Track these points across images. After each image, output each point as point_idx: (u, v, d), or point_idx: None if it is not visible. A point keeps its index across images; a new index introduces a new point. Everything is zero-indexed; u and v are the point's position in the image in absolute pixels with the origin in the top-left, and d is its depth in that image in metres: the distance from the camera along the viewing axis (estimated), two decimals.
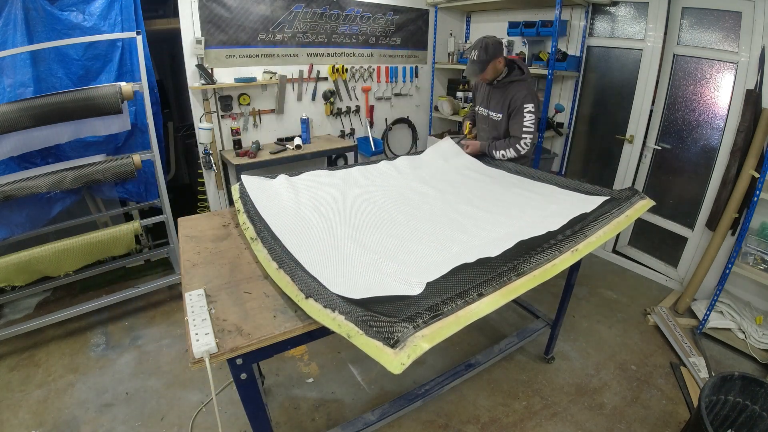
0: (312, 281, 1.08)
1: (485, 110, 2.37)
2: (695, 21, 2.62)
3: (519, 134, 2.18)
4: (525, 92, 2.16)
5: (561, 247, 1.27)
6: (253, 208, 1.58)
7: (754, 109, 2.31)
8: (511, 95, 2.19)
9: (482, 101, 2.38)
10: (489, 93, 2.32)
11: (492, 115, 2.32)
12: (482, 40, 2.09)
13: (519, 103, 2.16)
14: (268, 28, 3.10)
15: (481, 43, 2.09)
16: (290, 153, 3.13)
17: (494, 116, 2.30)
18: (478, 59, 2.09)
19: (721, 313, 2.42)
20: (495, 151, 2.25)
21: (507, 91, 2.21)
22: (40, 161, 2.43)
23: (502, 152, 2.23)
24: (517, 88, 2.18)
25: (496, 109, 2.29)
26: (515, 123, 2.20)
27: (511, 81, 2.20)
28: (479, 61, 2.10)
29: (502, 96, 2.23)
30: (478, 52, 2.09)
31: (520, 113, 2.17)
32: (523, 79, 2.19)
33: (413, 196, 1.81)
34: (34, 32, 2.25)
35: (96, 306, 2.41)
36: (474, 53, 2.10)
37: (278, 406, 1.96)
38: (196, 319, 1.00)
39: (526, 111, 2.15)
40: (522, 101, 2.15)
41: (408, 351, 0.82)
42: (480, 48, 2.08)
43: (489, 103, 2.33)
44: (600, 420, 1.89)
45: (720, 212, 2.50)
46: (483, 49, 2.08)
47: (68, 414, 1.90)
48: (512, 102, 2.19)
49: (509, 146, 2.21)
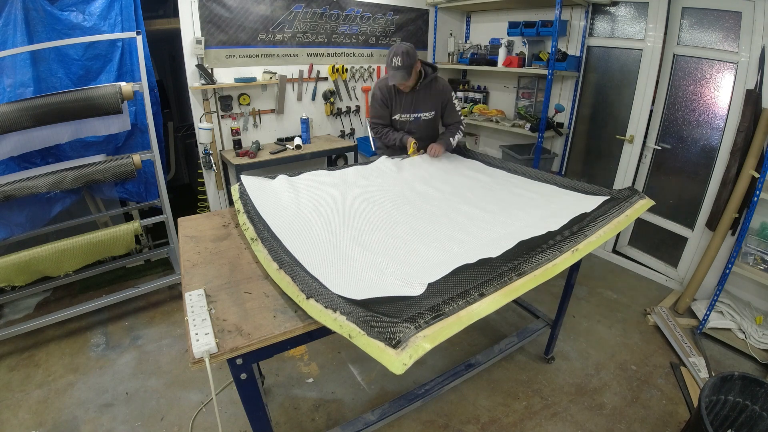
0: (313, 282, 1.08)
1: (412, 115, 2.40)
2: (695, 21, 2.62)
3: (458, 118, 2.47)
4: (446, 86, 2.44)
5: (561, 247, 1.27)
6: (253, 208, 1.58)
7: (754, 109, 2.31)
8: (438, 92, 2.38)
9: (406, 108, 2.39)
10: (413, 97, 2.35)
11: (423, 116, 2.41)
12: (400, 46, 2.12)
13: (447, 96, 2.42)
14: (268, 28, 3.10)
15: (400, 48, 2.11)
16: (290, 153, 3.13)
17: (426, 116, 2.42)
18: (403, 65, 2.11)
19: (721, 313, 2.42)
20: (451, 139, 2.43)
21: (432, 90, 2.37)
22: (40, 161, 2.43)
23: (456, 137, 2.45)
24: (439, 84, 2.39)
25: (427, 108, 2.40)
26: (451, 112, 2.46)
27: (431, 80, 2.33)
28: (404, 66, 2.12)
29: (429, 95, 2.37)
30: (402, 58, 2.10)
31: (451, 103, 2.44)
32: (436, 74, 2.36)
33: (414, 197, 1.81)
34: (34, 32, 2.25)
35: (96, 306, 2.41)
36: (397, 60, 2.11)
37: (278, 406, 1.96)
38: (196, 319, 1.00)
39: (454, 99, 2.45)
40: (449, 93, 2.43)
41: (410, 351, 0.82)
42: (402, 54, 2.10)
43: (416, 107, 2.38)
44: (600, 420, 1.89)
45: (720, 212, 2.50)
46: (405, 54, 2.11)
47: (68, 414, 1.90)
48: (443, 98, 2.41)
49: (456, 131, 2.46)
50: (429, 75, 2.30)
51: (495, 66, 3.56)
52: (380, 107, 2.41)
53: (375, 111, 2.44)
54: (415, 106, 2.38)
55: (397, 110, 2.41)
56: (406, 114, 2.40)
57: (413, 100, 2.36)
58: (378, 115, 2.44)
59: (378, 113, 2.44)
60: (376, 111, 2.44)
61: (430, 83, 2.33)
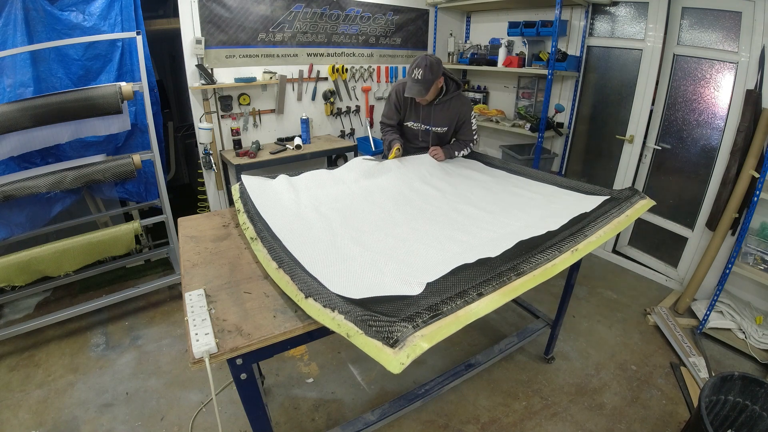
0: (312, 281, 1.08)
1: (425, 126, 2.33)
2: (695, 21, 2.62)
3: (471, 137, 2.38)
4: (467, 105, 2.32)
5: (561, 247, 1.27)
6: (253, 208, 1.58)
7: (754, 109, 2.31)
8: (456, 110, 2.28)
9: (418, 118, 2.32)
10: (430, 110, 2.27)
11: (435, 129, 2.33)
12: (426, 59, 2.00)
13: (467, 116, 2.31)
14: (268, 28, 3.10)
15: (425, 61, 2.00)
16: (290, 153, 3.13)
17: (439, 130, 2.33)
18: (423, 79, 2.01)
19: (721, 313, 2.42)
20: (456, 152, 2.36)
21: (450, 107, 2.26)
22: (40, 161, 2.43)
23: (462, 152, 2.38)
24: (460, 102, 2.28)
25: (441, 124, 2.30)
26: (466, 130, 2.36)
27: (451, 98, 2.23)
28: (424, 80, 2.02)
29: (447, 112, 2.27)
30: (423, 72, 2.00)
31: (468, 122, 2.33)
32: (460, 92, 2.27)
33: (413, 196, 1.81)
34: (34, 32, 2.25)
35: (96, 306, 2.41)
36: (418, 72, 2.01)
37: (278, 406, 1.96)
38: (196, 319, 1.00)
39: (472, 119, 2.34)
40: (468, 113, 2.31)
41: (407, 350, 0.82)
42: (425, 67, 1.99)
43: (430, 120, 2.30)
44: (600, 420, 1.89)
45: (720, 212, 2.50)
46: (428, 69, 2.00)
47: (68, 414, 1.90)
48: (460, 117, 2.30)
49: (465, 146, 2.39)
50: (451, 92, 2.21)
51: (495, 66, 3.56)
52: (392, 109, 2.37)
53: (386, 110, 2.42)
54: (430, 119, 2.30)
55: (410, 118, 2.37)
56: (418, 123, 2.35)
57: (429, 112, 2.28)
58: (387, 115, 2.41)
59: (387, 113, 2.40)
60: (387, 110, 2.41)
61: (450, 100, 2.24)
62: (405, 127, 2.43)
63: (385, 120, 2.42)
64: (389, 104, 2.38)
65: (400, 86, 2.28)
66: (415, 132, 2.40)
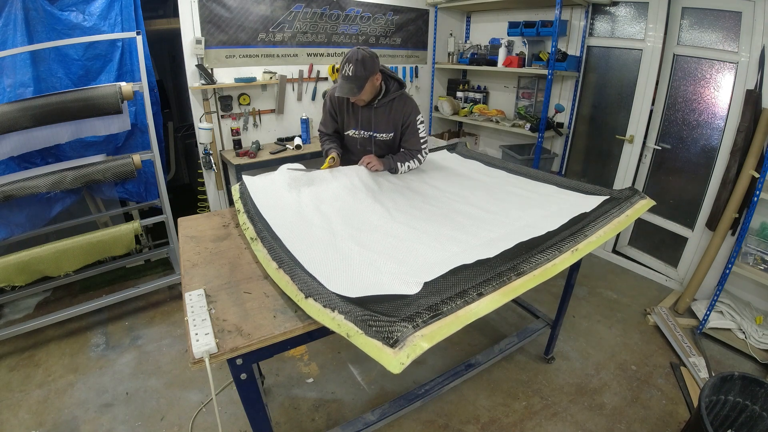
0: (312, 281, 1.08)
1: (367, 132, 2.09)
2: (695, 21, 2.62)
3: (418, 147, 2.10)
4: (411, 106, 2.06)
5: (561, 247, 1.27)
6: (254, 207, 1.58)
7: (754, 109, 2.31)
8: (399, 113, 2.04)
9: (358, 123, 2.07)
10: (370, 114, 2.03)
11: (380, 136, 2.08)
12: (357, 52, 1.77)
13: (411, 118, 2.05)
14: (268, 28, 3.10)
15: (356, 55, 1.76)
16: (290, 153, 3.13)
17: (383, 137, 2.09)
18: (355, 75, 1.77)
19: (721, 313, 2.42)
20: (400, 165, 2.07)
21: (392, 109, 2.03)
22: (40, 161, 2.43)
23: (407, 164, 2.10)
24: (402, 103, 2.03)
25: (385, 129, 2.06)
26: (411, 138, 2.09)
27: (393, 98, 2.00)
28: (356, 77, 1.78)
29: (389, 115, 2.04)
30: (355, 68, 1.76)
31: (413, 128, 2.07)
32: (404, 92, 2.04)
33: (413, 196, 1.81)
34: (34, 32, 2.25)
35: (96, 306, 2.41)
36: (349, 68, 1.77)
37: (278, 406, 1.96)
38: (196, 319, 1.00)
39: (418, 124, 2.08)
40: (413, 116, 2.05)
41: (407, 350, 0.82)
42: (356, 62, 1.76)
43: (371, 125, 2.06)
44: (600, 420, 1.89)
45: (720, 212, 2.50)
46: (360, 64, 1.76)
47: (68, 414, 1.90)
48: (404, 120, 2.06)
49: (412, 158, 2.11)
50: (392, 92, 1.98)
51: (495, 66, 3.56)
52: (327, 116, 2.14)
53: (322, 117, 2.17)
54: (371, 124, 2.05)
55: (350, 125, 2.09)
56: (360, 131, 2.09)
57: (370, 116, 2.03)
58: (323, 122, 2.17)
59: (323, 120, 2.17)
60: (322, 118, 2.17)
61: (391, 101, 2.00)
62: (347, 138, 2.16)
63: (321, 128, 2.20)
64: (324, 111, 2.14)
65: (333, 90, 1.98)
66: (357, 141, 2.13)
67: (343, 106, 2.07)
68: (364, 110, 2.02)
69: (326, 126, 2.17)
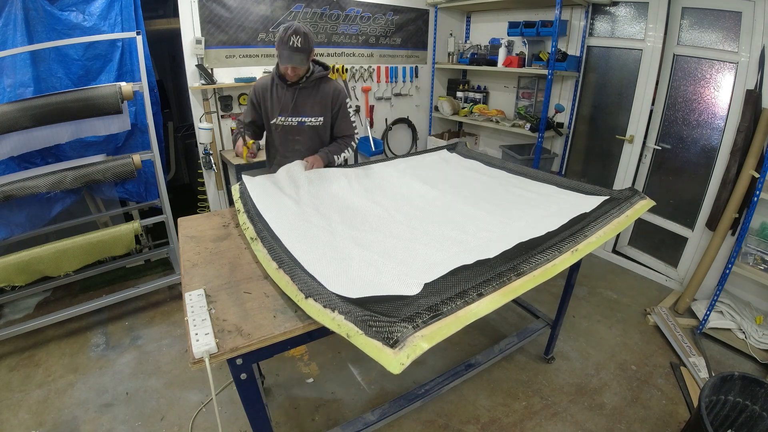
0: (311, 281, 1.08)
1: (296, 118, 1.95)
2: (695, 21, 2.62)
3: (351, 132, 2.06)
4: (339, 88, 1.99)
5: (561, 247, 1.27)
6: (254, 207, 1.58)
7: (754, 109, 2.31)
8: (328, 95, 1.96)
9: (286, 108, 1.93)
10: (295, 96, 1.92)
11: (309, 121, 1.96)
12: (298, 26, 1.73)
13: (341, 101, 1.98)
14: (268, 28, 3.10)
15: (302, 28, 1.73)
16: None
17: (312, 121, 1.97)
18: (303, 47, 1.73)
19: (721, 313, 2.42)
20: (336, 157, 2.03)
21: (320, 91, 1.95)
22: (40, 161, 2.43)
23: (343, 155, 2.06)
24: (330, 84, 1.98)
25: (314, 113, 1.96)
26: (343, 122, 2.03)
27: (320, 77, 1.94)
28: (304, 48, 1.74)
29: (317, 97, 1.95)
30: (302, 39, 1.72)
31: (344, 111, 2.01)
32: (327, 73, 1.98)
33: (413, 196, 1.81)
34: (34, 32, 2.25)
35: (96, 306, 2.41)
36: (297, 40, 1.71)
37: (278, 406, 1.96)
38: (196, 319, 1.00)
39: (348, 107, 2.02)
40: (342, 97, 1.99)
41: (407, 351, 0.82)
42: (303, 34, 1.72)
43: (299, 109, 1.94)
44: (600, 420, 1.89)
45: (720, 212, 2.50)
46: (305, 37, 1.73)
47: (68, 414, 1.90)
48: (334, 100, 1.97)
49: (346, 147, 2.06)
50: (316, 72, 1.92)
51: (495, 66, 3.56)
52: (249, 105, 2.04)
53: (244, 110, 2.08)
54: (298, 108, 1.94)
55: (275, 111, 1.95)
56: (286, 117, 1.95)
57: (294, 99, 1.92)
58: (243, 114, 2.06)
59: (244, 112, 2.07)
60: (244, 110, 2.06)
61: (317, 82, 1.94)
62: (273, 130, 2.01)
63: (240, 119, 2.09)
64: (247, 104, 2.06)
65: (258, 82, 2.00)
66: (286, 129, 1.99)
67: (267, 92, 1.94)
68: (289, 93, 1.91)
69: (246, 115, 2.06)
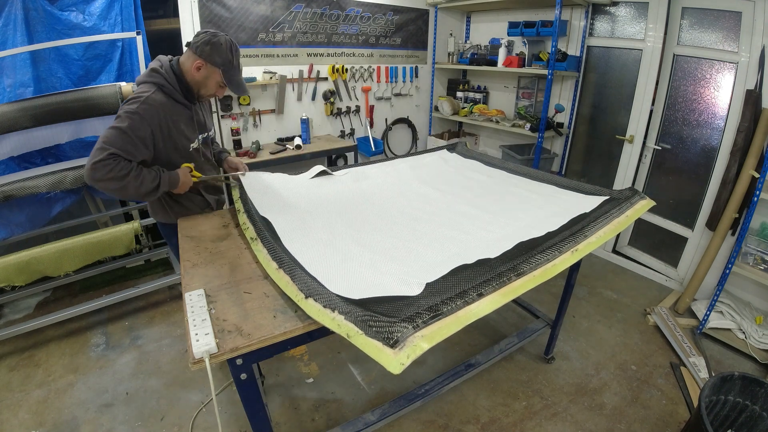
0: (312, 281, 1.08)
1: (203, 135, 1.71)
2: (695, 21, 2.62)
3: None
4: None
5: (561, 247, 1.27)
6: (254, 208, 1.58)
7: (754, 109, 2.31)
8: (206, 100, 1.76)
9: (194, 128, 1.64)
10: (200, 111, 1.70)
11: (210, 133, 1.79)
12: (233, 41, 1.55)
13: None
14: (268, 28, 3.10)
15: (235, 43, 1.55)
16: (290, 153, 3.13)
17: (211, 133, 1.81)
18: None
19: (721, 313, 2.42)
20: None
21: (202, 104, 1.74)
22: (40, 161, 2.43)
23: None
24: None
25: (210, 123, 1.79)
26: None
27: None
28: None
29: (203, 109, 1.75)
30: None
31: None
32: None
33: (413, 197, 1.81)
34: (34, 32, 2.25)
35: (96, 306, 2.40)
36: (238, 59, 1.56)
37: (278, 406, 1.96)
38: (196, 320, 1.00)
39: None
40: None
41: (407, 351, 0.82)
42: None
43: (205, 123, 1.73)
44: (600, 420, 1.89)
45: (720, 212, 2.50)
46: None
47: (68, 414, 1.90)
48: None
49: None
50: None
51: (495, 66, 3.56)
52: (139, 143, 1.43)
53: (125, 143, 1.39)
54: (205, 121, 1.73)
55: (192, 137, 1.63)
56: (200, 137, 1.68)
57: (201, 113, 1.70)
58: (126, 149, 1.39)
59: (131, 147, 1.41)
60: (127, 144, 1.39)
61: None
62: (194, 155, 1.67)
63: (121, 154, 1.38)
64: (132, 136, 1.40)
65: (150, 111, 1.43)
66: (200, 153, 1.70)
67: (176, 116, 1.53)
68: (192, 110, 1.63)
69: (136, 154, 1.43)
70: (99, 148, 1.37)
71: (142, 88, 1.49)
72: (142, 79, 1.54)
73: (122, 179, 1.39)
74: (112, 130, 1.38)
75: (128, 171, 1.40)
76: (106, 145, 1.36)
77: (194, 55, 1.52)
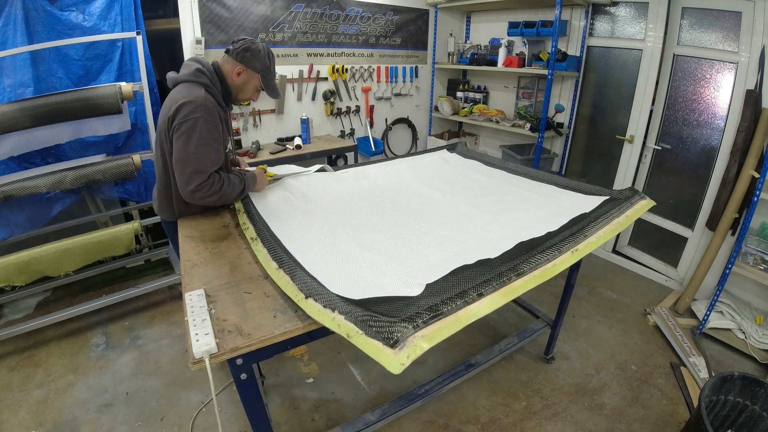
0: (312, 281, 1.08)
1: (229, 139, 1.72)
2: (695, 21, 2.62)
3: None
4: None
5: (561, 247, 1.27)
6: (254, 207, 1.58)
7: (754, 109, 2.31)
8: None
9: (230, 134, 1.71)
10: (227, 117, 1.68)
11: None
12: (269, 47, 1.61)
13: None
14: (268, 28, 3.10)
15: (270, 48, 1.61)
16: (290, 153, 3.13)
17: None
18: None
19: (721, 313, 2.42)
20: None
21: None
22: (40, 161, 2.43)
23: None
24: None
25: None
26: None
27: None
28: None
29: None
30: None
31: None
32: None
33: (414, 197, 1.81)
34: (34, 32, 2.25)
35: (96, 306, 2.40)
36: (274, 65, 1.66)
37: (278, 406, 1.96)
38: (196, 319, 1.00)
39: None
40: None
41: (408, 351, 0.82)
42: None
43: (230, 127, 1.72)
44: (600, 420, 1.89)
45: (720, 212, 2.50)
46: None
47: (68, 414, 1.90)
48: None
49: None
50: None
51: (495, 66, 3.56)
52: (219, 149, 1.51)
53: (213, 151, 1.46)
54: (229, 127, 1.72)
55: (227, 137, 1.65)
56: (230, 141, 1.73)
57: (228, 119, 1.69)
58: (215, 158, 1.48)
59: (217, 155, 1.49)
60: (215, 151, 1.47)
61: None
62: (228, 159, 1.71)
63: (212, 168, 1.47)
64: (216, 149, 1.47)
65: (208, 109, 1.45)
66: (228, 154, 1.72)
67: (222, 118, 1.55)
68: (225, 114, 1.62)
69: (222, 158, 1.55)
70: (196, 171, 1.42)
71: (191, 90, 1.46)
72: (186, 77, 1.51)
73: (219, 191, 1.49)
74: (203, 148, 1.42)
75: (222, 183, 1.50)
76: (202, 167, 1.43)
77: (234, 60, 1.56)
